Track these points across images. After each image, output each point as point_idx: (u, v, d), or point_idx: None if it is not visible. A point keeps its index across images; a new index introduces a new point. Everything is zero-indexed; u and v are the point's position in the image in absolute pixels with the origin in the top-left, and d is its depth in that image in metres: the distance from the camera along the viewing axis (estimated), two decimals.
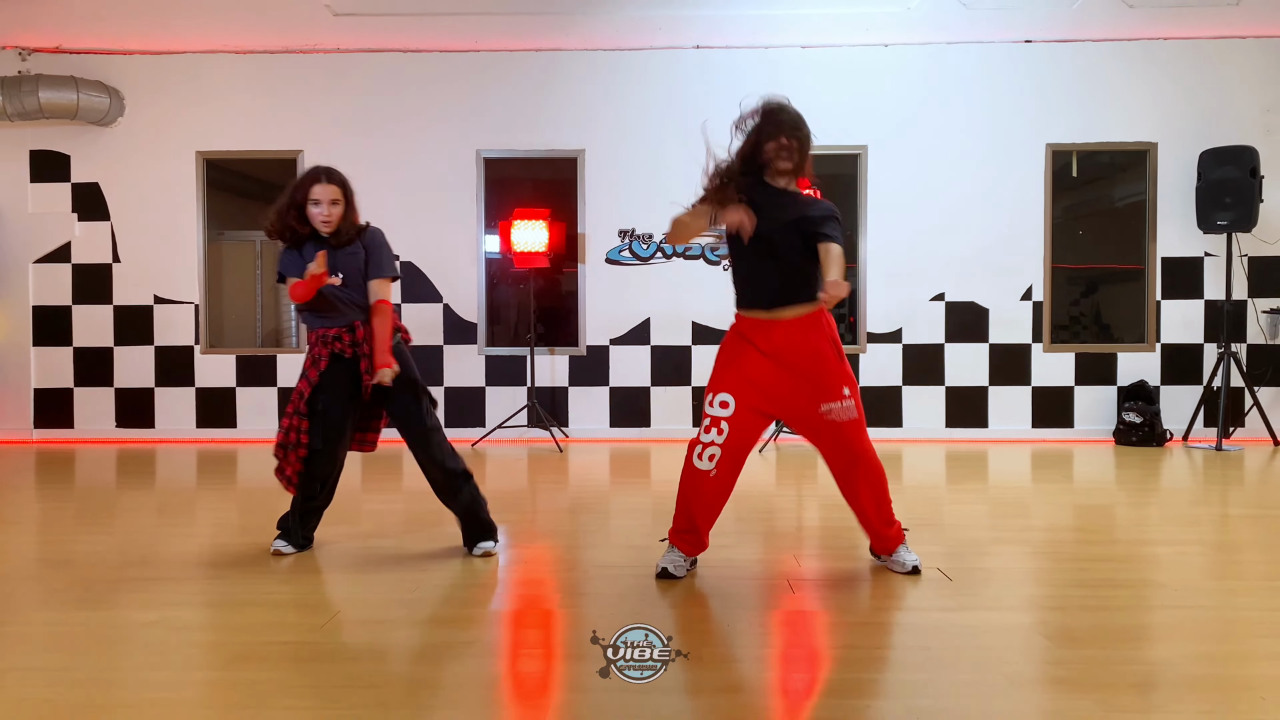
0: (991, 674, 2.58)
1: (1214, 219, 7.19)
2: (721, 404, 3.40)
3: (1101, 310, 8.19)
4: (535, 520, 4.86)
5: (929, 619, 3.08)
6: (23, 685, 2.54)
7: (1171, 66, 7.60)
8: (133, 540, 4.34)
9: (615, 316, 7.84)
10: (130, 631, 2.98)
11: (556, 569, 3.86)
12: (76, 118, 7.53)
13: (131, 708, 2.39)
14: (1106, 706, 2.35)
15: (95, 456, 7.12)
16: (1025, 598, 3.40)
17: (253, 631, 2.99)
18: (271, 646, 2.85)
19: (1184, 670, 2.66)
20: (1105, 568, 3.75)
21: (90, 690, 2.50)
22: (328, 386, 3.78)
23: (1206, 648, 2.84)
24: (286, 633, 2.98)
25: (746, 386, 3.41)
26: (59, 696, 2.46)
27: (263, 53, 7.81)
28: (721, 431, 3.39)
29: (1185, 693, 2.50)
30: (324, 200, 3.75)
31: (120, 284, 7.89)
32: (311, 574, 3.67)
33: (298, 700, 2.44)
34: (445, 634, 3.01)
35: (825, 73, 7.50)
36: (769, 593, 3.41)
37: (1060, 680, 2.58)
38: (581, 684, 2.45)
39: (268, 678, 2.60)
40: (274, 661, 2.72)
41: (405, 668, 2.71)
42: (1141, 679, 2.55)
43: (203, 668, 2.69)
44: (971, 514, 4.99)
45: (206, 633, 3.02)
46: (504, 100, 7.80)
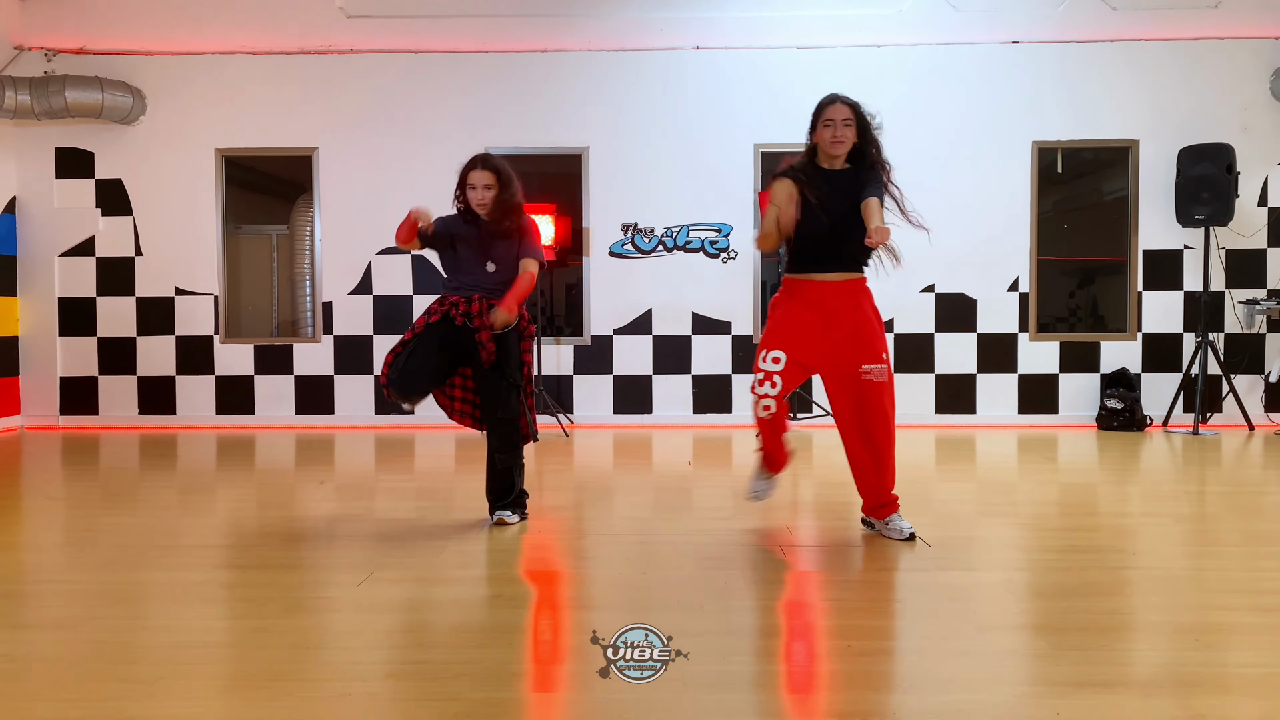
0: (959, 621, 2.91)
1: (1192, 214, 7.49)
2: (774, 359, 3.74)
3: (1095, 302, 8.51)
4: (543, 497, 5.19)
5: (908, 578, 3.41)
6: (99, 630, 2.86)
7: (1153, 66, 7.89)
8: (168, 515, 4.67)
9: (618, 307, 8.14)
10: (186, 589, 3.31)
11: (566, 537, 4.19)
12: (101, 116, 7.82)
13: (198, 647, 2.71)
14: (1057, 645, 2.68)
15: (120, 441, 7.44)
16: (998, 560, 3.73)
17: (297, 589, 3.32)
18: (317, 600, 3.18)
19: (1134, 618, 3.00)
20: (1076, 535, 4.09)
21: (161, 634, 2.83)
22: (426, 335, 4.05)
23: (1158, 600, 3.17)
24: (329, 590, 3.31)
25: (796, 343, 3.76)
26: (131, 640, 2.78)
27: (279, 53, 8.09)
28: (775, 385, 3.72)
29: (1127, 635, 2.83)
30: (479, 185, 4.09)
31: (142, 276, 8.18)
32: (342, 540, 3.99)
33: (346, 643, 2.77)
34: (474, 590, 3.33)
35: (820, 73, 7.77)
36: (763, 559, 3.73)
37: (1020, 626, 2.91)
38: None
39: (316, 623, 2.93)
40: (320, 613, 3.04)
41: (440, 615, 3.04)
42: (1090, 624, 2.88)
43: (258, 617, 3.01)
44: (957, 491, 5.32)
45: (254, 589, 3.34)
46: (511, 99, 8.09)
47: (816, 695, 2.41)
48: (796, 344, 3.76)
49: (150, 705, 2.30)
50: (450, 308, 4.07)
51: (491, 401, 4.09)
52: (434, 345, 4.04)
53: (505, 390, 4.07)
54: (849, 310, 3.79)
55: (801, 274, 3.85)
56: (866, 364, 3.74)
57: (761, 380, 3.75)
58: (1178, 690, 2.37)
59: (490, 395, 4.09)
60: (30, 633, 2.87)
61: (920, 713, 2.22)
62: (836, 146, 3.74)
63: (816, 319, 3.78)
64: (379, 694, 2.36)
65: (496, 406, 4.08)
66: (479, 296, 4.08)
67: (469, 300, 4.08)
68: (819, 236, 3.77)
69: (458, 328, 4.06)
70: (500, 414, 4.08)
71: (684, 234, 8.07)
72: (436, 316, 4.07)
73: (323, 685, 2.43)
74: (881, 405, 3.79)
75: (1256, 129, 7.81)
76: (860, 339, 3.76)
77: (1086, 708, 2.24)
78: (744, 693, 2.39)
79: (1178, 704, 2.27)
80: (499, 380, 4.07)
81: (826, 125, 3.73)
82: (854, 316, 3.78)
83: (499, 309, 4.00)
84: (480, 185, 4.08)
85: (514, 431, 4.14)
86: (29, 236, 8.16)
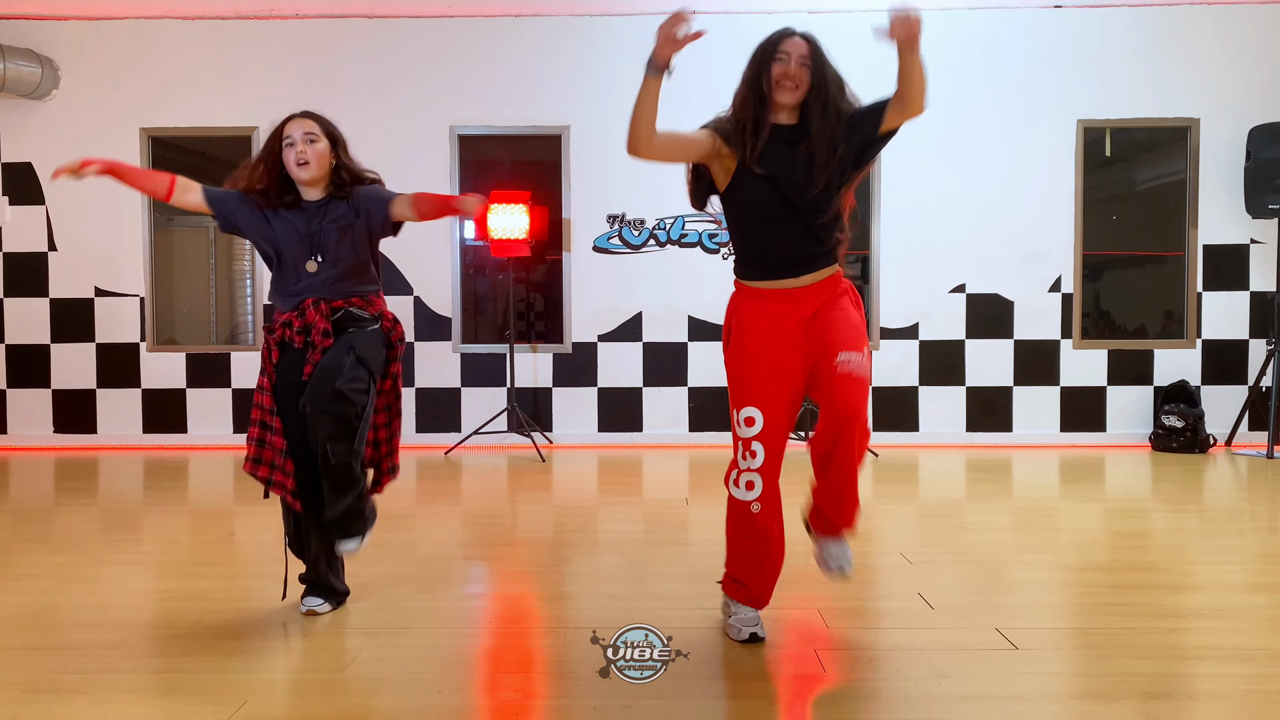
0: None
1: (1265, 203, 6.54)
2: (748, 420, 2.76)
3: (1110, 299, 7.56)
4: (517, 531, 4.17)
5: (998, 711, 2.39)
6: None
7: (1217, 33, 6.91)
8: (56, 586, 3.63)
9: (604, 310, 7.16)
10: None
11: (517, 632, 3.18)
12: (4, 90, 6.82)
13: None
14: None
15: (31, 465, 6.43)
16: (1111, 671, 2.70)
17: None
18: None
19: None
20: (1194, 630, 3.07)
21: None
22: (281, 383, 3.05)
23: None
24: None
25: (772, 387, 2.78)
26: None
27: (214, 19, 7.09)
28: (755, 455, 2.77)
29: None
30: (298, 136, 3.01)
31: (57, 274, 7.19)
32: (239, 632, 2.96)
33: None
34: None
35: (834, 39, 6.66)
36: (784, 653, 2.73)
37: None
38: None
39: None
40: None
41: None
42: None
43: None
44: (1020, 546, 4.31)
45: None
46: (480, 71, 7.09)
47: None
48: (771, 390, 2.78)
49: None
50: (283, 330, 3.05)
51: (327, 373, 2.92)
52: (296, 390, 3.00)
53: (349, 362, 2.94)
54: (825, 309, 2.79)
55: (757, 281, 2.85)
56: (844, 351, 2.72)
57: (740, 451, 2.80)
58: None
59: (327, 366, 2.94)
60: None
61: None
62: (787, 91, 2.75)
63: (787, 337, 2.78)
64: None
65: (334, 377, 2.89)
66: (310, 301, 3.03)
67: (302, 311, 3.03)
68: (768, 218, 2.78)
69: (298, 351, 3.03)
70: (338, 384, 2.88)
71: (678, 226, 7.08)
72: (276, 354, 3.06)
73: None
74: (859, 401, 2.72)
75: None
76: (836, 329, 2.75)
77: None
78: None
79: None
80: (342, 351, 2.96)
81: (778, 60, 2.75)
82: (830, 313, 2.78)
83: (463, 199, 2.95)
84: (300, 135, 2.99)
85: (353, 415, 2.92)
86: None
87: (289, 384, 3.02)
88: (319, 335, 2.98)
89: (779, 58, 2.74)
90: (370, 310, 3.08)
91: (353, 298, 3.05)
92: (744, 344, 2.83)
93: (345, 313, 3.03)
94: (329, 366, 2.92)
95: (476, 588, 3.68)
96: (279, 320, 3.08)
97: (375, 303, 3.11)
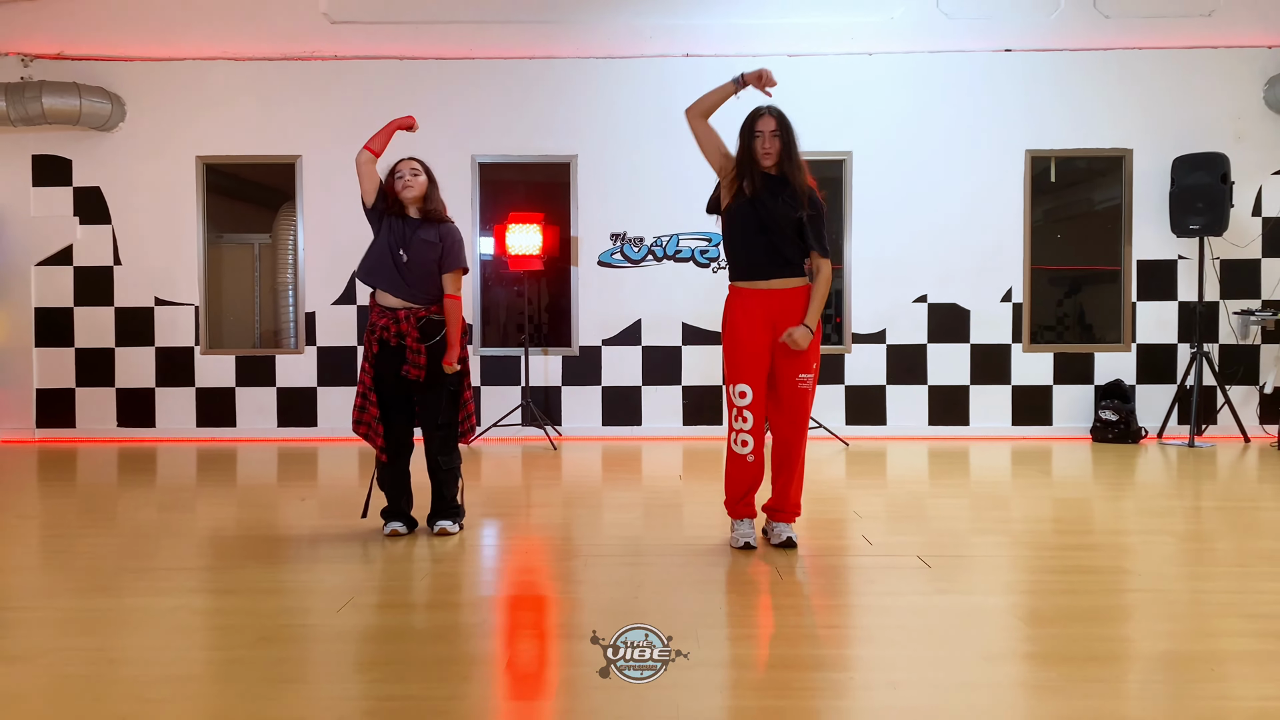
0: (963, 651, 2.79)
1: (1186, 223, 7.43)
2: (741, 394, 3.90)
3: (1084, 311, 8.44)
4: (530, 513, 5.05)
5: (908, 602, 3.29)
6: (64, 663, 2.72)
7: (1146, 75, 7.84)
8: (144, 535, 4.51)
9: (607, 318, 8.02)
10: (157, 616, 3.16)
11: (553, 557, 4.06)
12: (79, 123, 7.66)
13: (169, 682, 2.57)
14: (1068, 677, 2.56)
15: (98, 455, 7.27)
16: (998, 583, 3.61)
17: (274, 616, 3.18)
18: (295, 629, 3.03)
19: (1141, 645, 2.89)
20: (1076, 555, 3.98)
21: (127, 668, 2.68)
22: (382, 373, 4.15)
23: (1162, 627, 3.06)
24: (307, 617, 3.16)
25: (756, 370, 3.90)
26: (98, 674, 2.64)
27: (262, 59, 7.95)
28: (747, 420, 3.90)
29: (1136, 664, 2.72)
30: (405, 170, 4.19)
31: (121, 286, 8.02)
32: (322, 561, 3.85)
33: (324, 677, 2.63)
34: (458, 617, 3.19)
35: (811, 80, 7.70)
36: (755, 570, 3.60)
37: (1026, 655, 2.79)
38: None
39: (293, 654, 2.79)
40: (298, 643, 2.90)
41: (422, 646, 2.90)
42: (1098, 653, 2.76)
43: (232, 647, 2.87)
44: (952, 507, 5.21)
45: (229, 616, 3.19)
46: (498, 106, 7.97)
47: None
48: (756, 370, 3.91)
49: None
50: (382, 332, 4.12)
51: (431, 410, 4.19)
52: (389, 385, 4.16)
53: (447, 398, 4.19)
54: (793, 320, 3.89)
55: (745, 282, 3.96)
56: (802, 373, 3.91)
57: (736, 414, 3.93)
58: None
59: (429, 405, 4.19)
60: None
61: None
62: (766, 158, 3.89)
63: (765, 330, 3.91)
64: None
65: (437, 413, 4.18)
66: (405, 313, 4.11)
67: (397, 320, 4.10)
68: (747, 231, 3.88)
69: (393, 350, 4.12)
70: (441, 419, 4.19)
71: (674, 243, 7.96)
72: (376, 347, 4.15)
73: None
74: (806, 412, 3.97)
75: (1251, 138, 7.76)
76: (798, 352, 3.90)
77: None
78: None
79: None
80: (438, 389, 4.15)
81: (756, 136, 3.86)
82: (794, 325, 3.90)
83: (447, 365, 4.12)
84: (407, 170, 4.19)
85: (451, 436, 4.26)
86: (4, 246, 7.98)
87: (385, 371, 4.12)
88: (411, 340, 4.07)
89: (757, 134, 3.87)
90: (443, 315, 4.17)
91: (432, 306, 4.06)
92: (735, 334, 3.94)
93: (428, 320, 4.06)
94: (433, 405, 4.18)
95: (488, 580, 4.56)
96: (379, 324, 4.11)
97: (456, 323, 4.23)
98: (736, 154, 3.92)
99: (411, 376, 4.08)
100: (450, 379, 4.18)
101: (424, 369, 4.10)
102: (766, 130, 3.83)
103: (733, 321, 3.96)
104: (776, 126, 3.84)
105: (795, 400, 3.92)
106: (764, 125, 3.84)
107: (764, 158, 3.85)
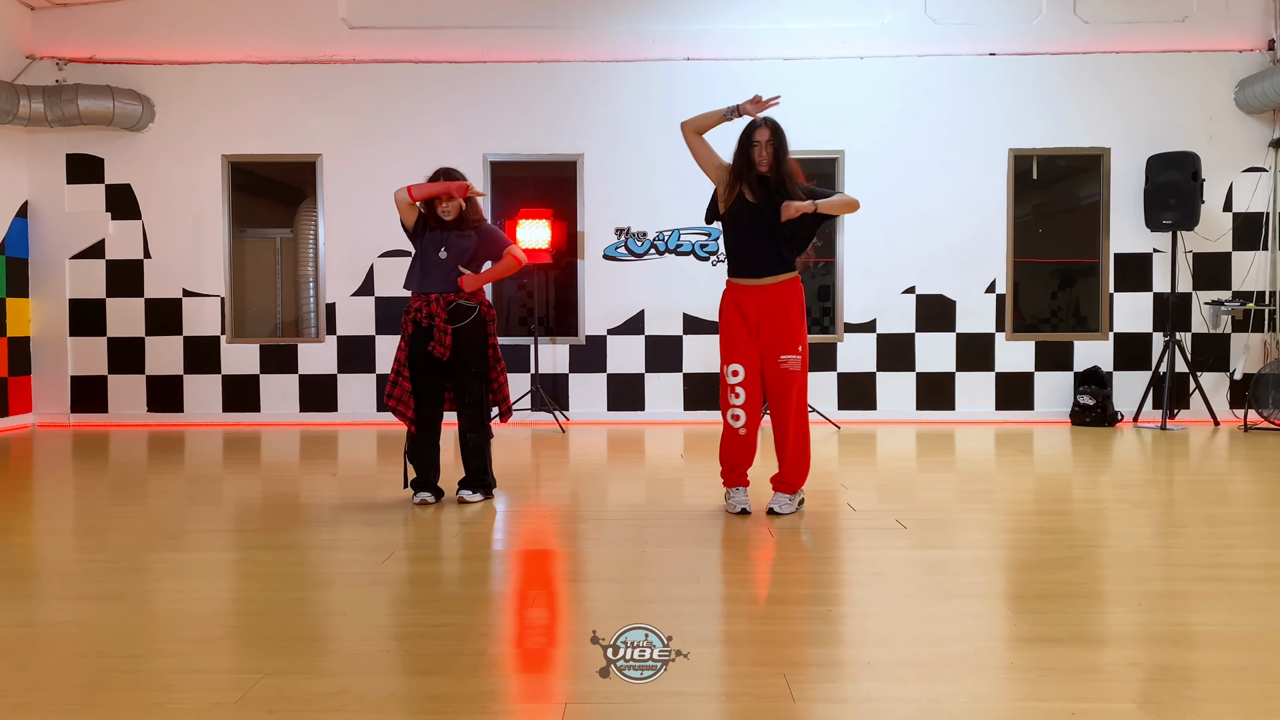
0: (930, 591, 3.23)
1: (1160, 219, 7.85)
2: (733, 373, 4.37)
3: (1073, 303, 8.87)
4: (540, 486, 5.49)
5: (885, 554, 3.73)
6: (152, 600, 3.16)
7: (1123, 78, 8.26)
8: (194, 500, 4.96)
9: (612, 308, 8.45)
10: (225, 566, 3.61)
11: (566, 520, 4.50)
12: (111, 124, 8.08)
13: (247, 614, 3.01)
14: (1019, 610, 3.00)
15: (130, 438, 7.71)
16: (970, 540, 4.05)
17: (327, 566, 3.62)
18: (347, 576, 3.48)
19: (1097, 587, 3.33)
20: (1047, 519, 4.43)
21: (207, 604, 3.13)
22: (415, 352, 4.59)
23: (1121, 572, 3.50)
24: (356, 567, 3.61)
25: (746, 353, 4.36)
26: (184, 609, 3.08)
27: (284, 63, 8.37)
28: (739, 396, 4.36)
29: (1088, 601, 3.16)
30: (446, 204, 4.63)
31: (151, 278, 8.45)
32: (360, 525, 4.28)
33: (379, 610, 3.08)
34: (488, 566, 3.63)
35: (805, 82, 8.12)
36: (750, 530, 4.04)
37: (985, 595, 3.23)
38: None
39: (349, 594, 3.23)
40: (352, 586, 3.35)
41: (461, 587, 3.34)
42: (1052, 592, 3.20)
43: (294, 589, 3.31)
44: (936, 480, 5.65)
45: (287, 566, 3.63)
46: (508, 108, 8.39)
47: (797, 649, 2.72)
48: (746, 353, 4.35)
49: (214, 659, 2.60)
50: (415, 313, 4.55)
51: (460, 389, 4.65)
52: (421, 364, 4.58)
53: (472, 378, 4.62)
54: (778, 310, 4.33)
55: (738, 278, 4.40)
56: (785, 354, 4.34)
57: (730, 391, 4.37)
58: (1136, 645, 2.70)
59: (459, 383, 4.65)
60: (88, 604, 3.15)
61: (891, 663, 2.54)
62: (761, 164, 4.35)
63: (752, 320, 4.35)
64: (413, 650, 2.66)
65: (465, 392, 4.64)
66: (436, 296, 4.54)
67: (427, 301, 4.53)
68: (747, 231, 4.33)
69: (424, 330, 4.55)
70: (468, 399, 4.64)
71: (675, 238, 8.37)
72: (410, 329, 4.57)
73: (363, 644, 2.73)
74: (798, 390, 4.38)
75: (1221, 137, 8.19)
76: (781, 333, 4.34)
77: (1043, 658, 2.57)
78: (732, 645, 2.71)
79: (1137, 655, 2.60)
80: (466, 368, 4.59)
81: (754, 145, 4.30)
82: (779, 315, 4.34)
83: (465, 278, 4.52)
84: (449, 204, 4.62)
85: (481, 413, 4.69)
86: (40, 240, 8.41)
87: (418, 350, 4.56)
88: (440, 321, 4.51)
89: (754, 144, 4.33)
90: (473, 300, 4.53)
91: (461, 293, 4.49)
92: (728, 322, 4.41)
93: (457, 305, 4.48)
94: (461, 385, 4.63)
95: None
96: (414, 306, 4.56)
97: (477, 294, 4.54)
98: (733, 161, 4.36)
99: (437, 354, 4.49)
100: (473, 360, 4.59)
101: (449, 348, 4.50)
102: (762, 140, 4.29)
103: (726, 311, 4.43)
104: (770, 137, 4.30)
105: (782, 381, 4.36)
106: (760, 136, 4.30)
107: (759, 164, 4.30)
